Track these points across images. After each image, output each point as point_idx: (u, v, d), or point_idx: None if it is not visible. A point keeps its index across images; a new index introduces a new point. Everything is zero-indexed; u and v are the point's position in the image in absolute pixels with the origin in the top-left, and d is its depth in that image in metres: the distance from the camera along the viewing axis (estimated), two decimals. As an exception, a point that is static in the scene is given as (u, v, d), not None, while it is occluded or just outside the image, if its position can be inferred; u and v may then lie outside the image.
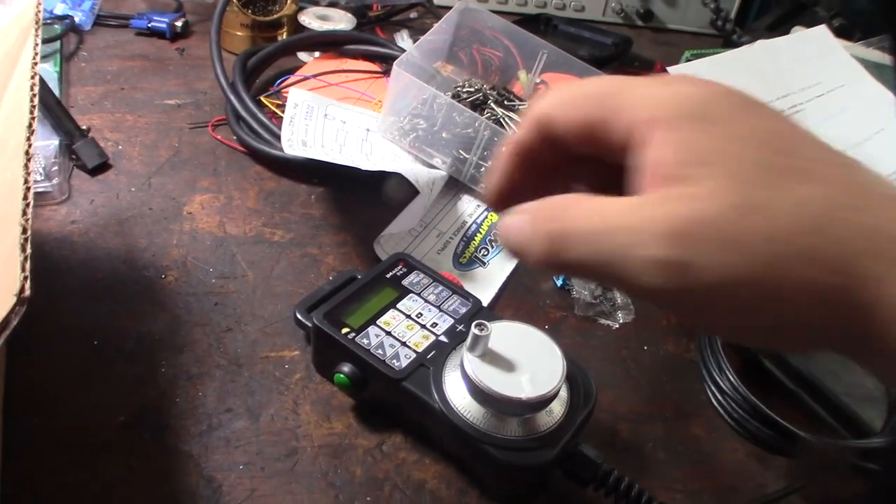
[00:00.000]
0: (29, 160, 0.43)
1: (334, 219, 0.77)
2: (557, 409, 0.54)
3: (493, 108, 0.87)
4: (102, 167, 0.78)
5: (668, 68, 0.91)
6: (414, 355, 0.56)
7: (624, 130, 0.32)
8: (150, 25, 0.98)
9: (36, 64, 0.49)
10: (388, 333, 0.58)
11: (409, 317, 0.59)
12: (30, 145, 0.44)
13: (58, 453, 0.55)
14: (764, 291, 0.29)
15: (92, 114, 0.85)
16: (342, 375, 0.56)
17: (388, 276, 0.62)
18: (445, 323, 0.59)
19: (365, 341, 0.57)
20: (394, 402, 0.57)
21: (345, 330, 0.57)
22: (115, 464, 0.55)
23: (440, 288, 0.62)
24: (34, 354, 0.61)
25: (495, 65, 0.96)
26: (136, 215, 0.74)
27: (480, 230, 0.79)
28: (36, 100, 0.46)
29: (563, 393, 0.55)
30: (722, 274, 0.29)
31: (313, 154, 0.72)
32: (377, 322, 0.58)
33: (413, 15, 1.14)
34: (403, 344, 0.57)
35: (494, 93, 0.90)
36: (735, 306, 0.30)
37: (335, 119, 0.81)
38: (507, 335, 0.54)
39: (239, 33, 0.97)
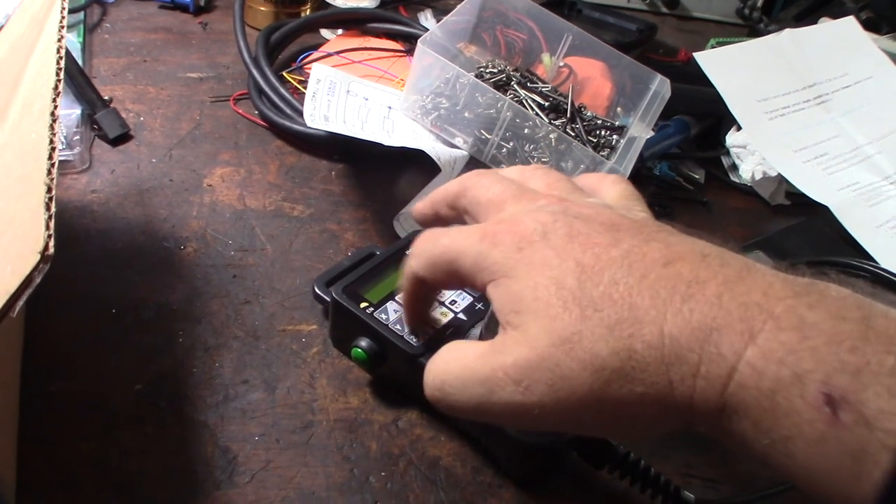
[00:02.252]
0: (55, 121, 0.43)
1: (354, 195, 0.77)
2: None
3: (515, 90, 0.86)
4: (124, 138, 0.78)
5: (694, 54, 0.90)
6: (432, 332, 0.56)
7: (480, 287, 0.40)
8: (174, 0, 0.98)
9: (63, 27, 0.49)
10: None
11: None
12: (55, 107, 0.43)
13: (74, 420, 0.55)
14: (596, 413, 0.34)
15: (114, 85, 0.85)
16: (360, 350, 0.56)
17: (408, 252, 0.62)
18: (464, 301, 0.59)
19: (383, 316, 0.56)
20: (410, 379, 0.56)
21: (363, 304, 0.57)
22: (131, 432, 0.55)
23: None
24: (53, 320, 0.61)
25: (519, 47, 0.95)
26: (156, 186, 0.74)
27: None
28: (63, 62, 0.46)
29: None
30: (557, 410, 0.35)
31: (335, 128, 0.72)
32: (396, 297, 0.58)
33: (437, -5, 1.13)
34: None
35: (518, 74, 0.89)
36: (580, 426, 0.37)
37: (357, 96, 0.80)
38: None
39: (262, 8, 0.97)
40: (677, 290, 0.33)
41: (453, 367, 0.40)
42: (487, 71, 0.88)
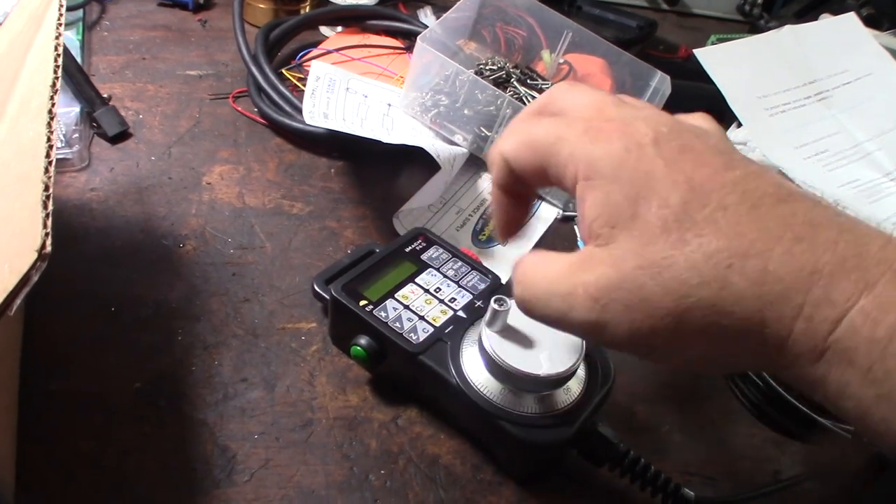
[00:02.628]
0: (52, 119, 0.43)
1: (354, 193, 0.77)
2: (575, 387, 0.53)
3: (515, 87, 0.86)
4: (123, 136, 0.78)
5: (694, 51, 0.90)
6: (432, 329, 0.56)
7: (569, 183, 0.37)
8: (173, -3, 0.98)
9: (61, 25, 0.49)
10: (407, 307, 0.57)
11: (427, 291, 0.59)
12: (53, 104, 0.43)
13: (73, 419, 0.55)
14: (669, 339, 0.33)
15: (113, 83, 0.85)
16: (359, 348, 0.56)
17: (408, 249, 0.62)
18: (464, 298, 0.59)
19: (383, 314, 0.56)
20: (410, 377, 0.56)
21: (363, 302, 0.57)
22: (130, 431, 0.55)
23: (459, 263, 0.62)
24: (51, 319, 0.61)
25: (518, 44, 0.95)
26: (155, 184, 0.74)
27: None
28: (60, 60, 0.46)
29: (581, 371, 0.54)
30: (630, 330, 0.33)
31: (334, 125, 0.72)
32: (395, 296, 0.58)
33: (437, -8, 1.13)
34: (421, 318, 0.57)
35: (517, 71, 0.89)
36: (653, 351, 0.35)
37: (357, 93, 0.80)
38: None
39: (262, 6, 0.97)
40: (790, 229, 0.31)
41: (539, 279, 0.37)
42: (487, 68, 0.88)
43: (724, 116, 0.93)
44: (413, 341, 0.55)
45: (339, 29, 0.98)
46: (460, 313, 0.57)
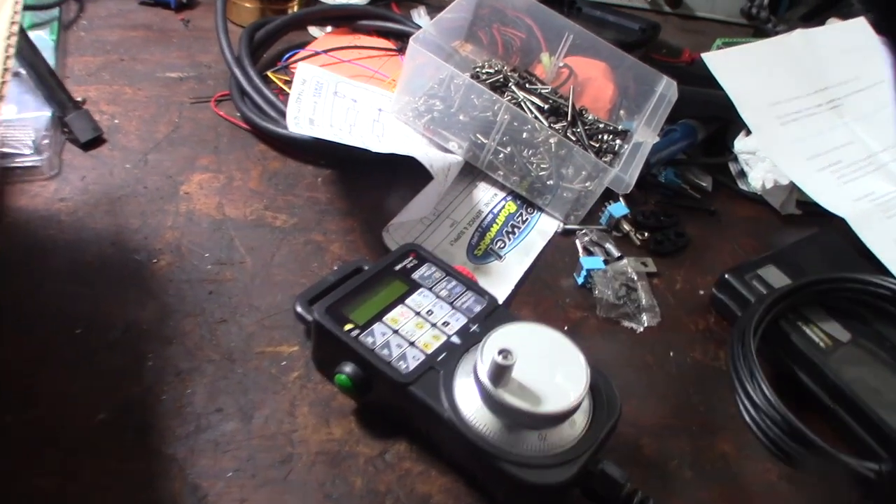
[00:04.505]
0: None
1: (341, 204, 0.72)
2: (580, 420, 0.49)
3: (513, 91, 0.81)
4: (96, 141, 0.73)
5: (702, 55, 0.85)
6: (423, 357, 0.51)
7: None
8: (155, -5, 0.93)
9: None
10: (396, 332, 0.53)
11: (418, 314, 0.54)
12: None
13: (31, 454, 0.51)
14: None
15: (88, 85, 0.80)
16: (344, 376, 0.52)
17: (398, 268, 0.57)
18: (458, 322, 0.54)
19: (369, 339, 0.52)
20: (399, 408, 0.52)
21: (348, 326, 0.52)
22: (93, 466, 0.51)
23: (453, 283, 0.57)
24: (12, 339, 0.56)
25: (517, 46, 0.91)
26: (129, 194, 0.69)
27: (497, 221, 0.74)
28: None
29: (586, 403, 0.50)
30: None
31: (321, 133, 0.67)
32: (384, 319, 0.53)
33: (431, -9, 1.08)
34: (412, 344, 0.52)
35: (515, 75, 0.84)
36: None
37: (345, 97, 0.75)
38: (525, 338, 0.49)
39: (248, 5, 0.92)
40: None
41: None
42: (484, 71, 0.84)
43: (732, 124, 0.89)
44: (402, 370, 0.50)
45: (329, 29, 0.93)
46: (454, 339, 0.53)
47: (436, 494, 0.52)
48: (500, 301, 0.58)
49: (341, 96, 0.75)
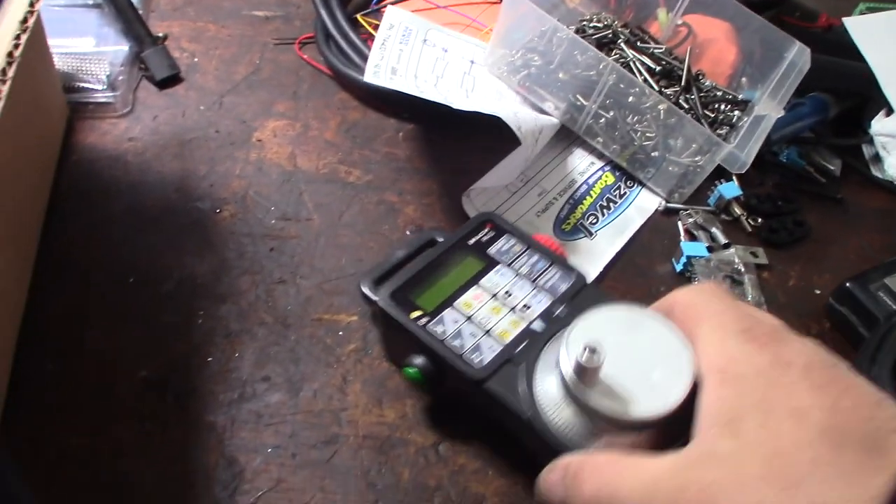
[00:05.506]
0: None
1: (421, 162, 0.66)
2: None
3: (622, 49, 0.73)
4: (173, 80, 0.70)
5: (844, 20, 0.75)
6: (499, 348, 0.45)
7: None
8: (249, -73, 0.88)
9: None
10: (469, 319, 0.46)
11: (495, 296, 0.48)
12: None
13: (68, 408, 0.48)
14: None
15: (172, 20, 0.76)
16: (413, 370, 0.46)
17: (472, 242, 0.51)
18: (540, 304, 0.47)
19: (439, 329, 0.46)
20: (475, 403, 0.46)
21: (415, 314, 0.46)
22: (129, 428, 0.48)
23: (536, 257, 0.50)
24: (62, 284, 0.54)
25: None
26: (200, 137, 0.65)
27: (591, 193, 0.67)
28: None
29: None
30: None
31: (400, 85, 0.61)
32: (455, 304, 0.47)
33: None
34: (487, 333, 0.46)
35: (626, 31, 0.76)
36: None
37: (435, 46, 0.69)
38: (618, 324, 0.41)
39: (344, -58, 0.86)
40: None
41: (622, 477, 0.34)
42: (591, 25, 0.76)
43: (871, 101, 0.78)
44: (476, 364, 0.44)
45: (430, -29, 0.87)
46: (535, 325, 0.46)
47: (490, 497, 0.47)
48: (589, 281, 0.50)
49: (431, 45, 0.69)
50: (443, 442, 0.49)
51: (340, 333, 0.54)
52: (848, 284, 0.61)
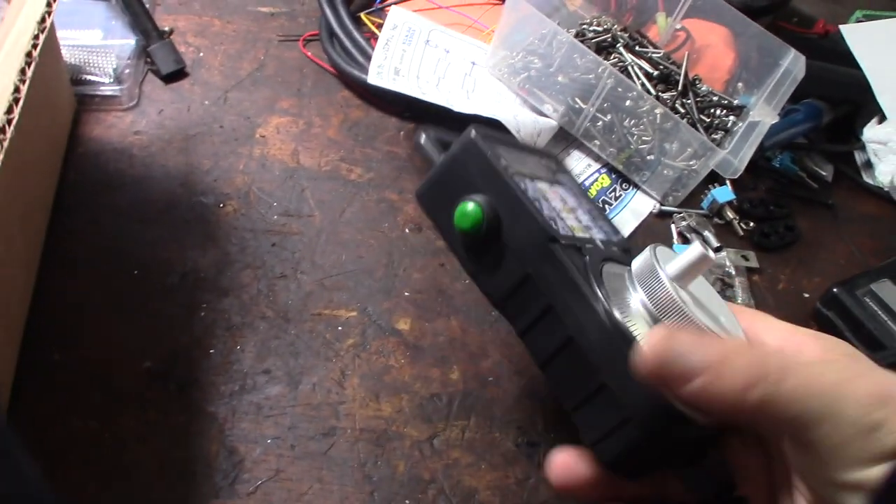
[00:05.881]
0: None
1: (421, 161, 0.67)
2: None
3: (621, 53, 0.75)
4: (178, 74, 0.71)
5: (840, 27, 0.76)
6: (570, 233, 0.40)
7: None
8: (255, -78, 0.89)
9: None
10: (546, 199, 0.42)
11: (564, 202, 0.44)
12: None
13: (74, 395, 0.50)
14: None
15: (178, 14, 0.77)
16: (474, 205, 0.39)
17: (544, 161, 0.47)
18: (599, 234, 0.44)
19: (524, 185, 0.40)
20: (528, 276, 0.39)
21: (504, 163, 0.40)
22: (132, 416, 0.49)
23: (590, 206, 0.47)
24: (68, 275, 0.55)
25: (631, 3, 0.83)
26: (204, 132, 0.66)
27: (588, 193, 0.68)
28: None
29: None
30: None
31: (402, 87, 0.62)
32: (536, 182, 0.43)
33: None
34: (560, 217, 0.42)
35: (626, 35, 0.77)
36: None
37: (438, 47, 0.70)
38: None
39: (349, -60, 0.87)
40: None
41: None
42: (591, 29, 0.77)
43: (864, 108, 0.79)
44: (552, 227, 0.39)
45: (433, -29, 0.88)
46: (598, 243, 0.42)
47: (482, 490, 0.48)
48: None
49: (433, 45, 0.70)
50: (437, 436, 0.50)
51: (339, 328, 0.55)
52: (835, 290, 0.62)
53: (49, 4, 0.38)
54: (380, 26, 0.77)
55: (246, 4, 0.80)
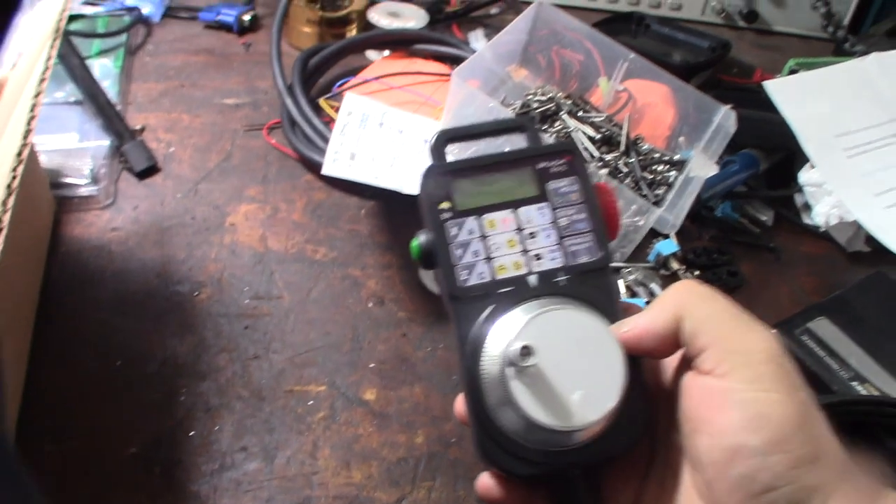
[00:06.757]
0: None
1: (382, 237, 0.72)
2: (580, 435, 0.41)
3: (564, 120, 0.80)
4: (151, 170, 0.76)
5: (764, 83, 0.82)
6: (488, 280, 0.43)
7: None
8: (217, 18, 0.95)
9: (40, 92, 0.46)
10: (483, 238, 0.44)
11: (519, 230, 0.45)
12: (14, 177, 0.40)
13: (65, 483, 0.53)
14: None
15: (149, 112, 0.83)
16: (416, 243, 0.44)
17: (541, 166, 0.47)
18: (552, 262, 0.45)
19: (453, 230, 0.44)
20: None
21: (444, 205, 0.44)
22: (121, 499, 0.53)
23: (583, 216, 0.46)
24: (56, 368, 0.59)
25: (575, 69, 0.89)
26: (177, 224, 0.71)
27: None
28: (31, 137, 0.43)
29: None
30: None
31: (355, 174, 0.67)
32: (483, 216, 0.45)
33: (494, 11, 1.07)
34: (487, 260, 0.44)
35: (569, 102, 0.83)
36: None
37: (391, 128, 0.76)
38: (576, 329, 0.41)
39: (306, 29, 0.93)
40: None
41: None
42: (536, 99, 0.83)
43: (799, 154, 0.85)
44: (459, 280, 0.43)
45: (387, 53, 0.94)
46: (531, 279, 0.44)
47: (449, 548, 0.52)
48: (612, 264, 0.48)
49: (387, 127, 0.75)
50: (405, 498, 0.54)
51: (311, 402, 0.59)
52: (773, 331, 0.66)
53: (25, 137, 0.43)
54: (338, 110, 0.82)
55: (212, 98, 0.85)
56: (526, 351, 0.39)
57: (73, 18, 0.91)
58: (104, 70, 0.84)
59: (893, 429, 0.60)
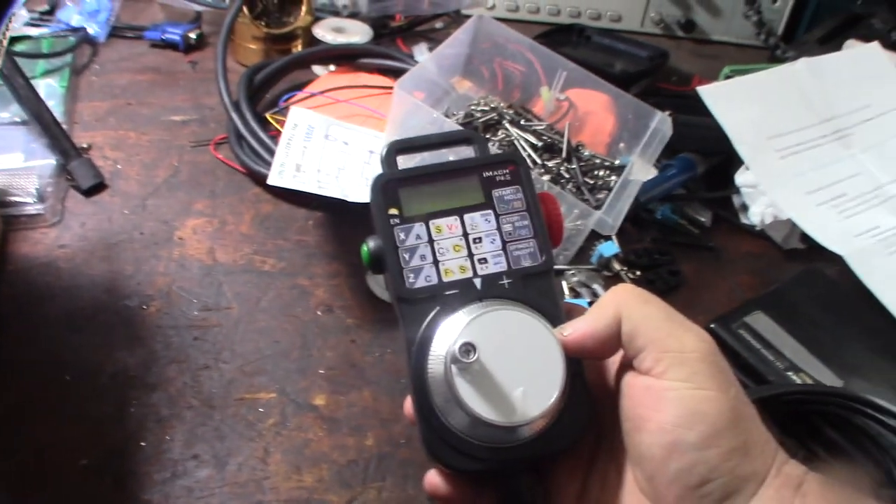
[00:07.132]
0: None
1: (329, 247, 0.73)
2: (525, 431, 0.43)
3: (507, 129, 0.82)
4: (98, 187, 0.76)
5: (697, 89, 0.84)
6: (434, 282, 0.46)
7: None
8: (163, 37, 0.96)
9: None
10: (429, 242, 0.47)
11: (465, 236, 0.47)
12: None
13: (17, 498, 0.53)
14: None
15: (95, 131, 0.83)
16: (366, 248, 0.45)
17: (487, 175, 0.49)
18: (496, 266, 0.47)
19: (401, 235, 0.46)
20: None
21: (392, 211, 0.46)
22: (72, 513, 0.53)
23: (525, 222, 0.48)
24: (5, 386, 0.59)
25: (517, 80, 0.91)
26: (125, 240, 0.72)
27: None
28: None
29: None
30: None
31: (301, 184, 0.69)
32: (431, 222, 0.47)
33: (438, 25, 1.10)
34: (434, 263, 0.46)
35: (511, 112, 0.85)
36: None
37: (336, 140, 0.77)
38: (519, 329, 0.44)
39: (252, 46, 0.94)
40: None
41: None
42: (479, 109, 0.85)
43: (735, 156, 0.88)
44: (407, 283, 0.45)
45: (332, 67, 0.95)
46: (476, 281, 0.46)
47: (400, 545, 0.53)
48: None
49: (332, 140, 0.77)
50: (356, 499, 0.55)
51: (261, 410, 0.60)
52: (712, 325, 0.69)
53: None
54: (284, 124, 0.83)
55: (159, 115, 0.86)
56: (467, 348, 0.41)
57: (17, 39, 0.91)
58: (49, 90, 0.84)
59: (827, 415, 0.63)
